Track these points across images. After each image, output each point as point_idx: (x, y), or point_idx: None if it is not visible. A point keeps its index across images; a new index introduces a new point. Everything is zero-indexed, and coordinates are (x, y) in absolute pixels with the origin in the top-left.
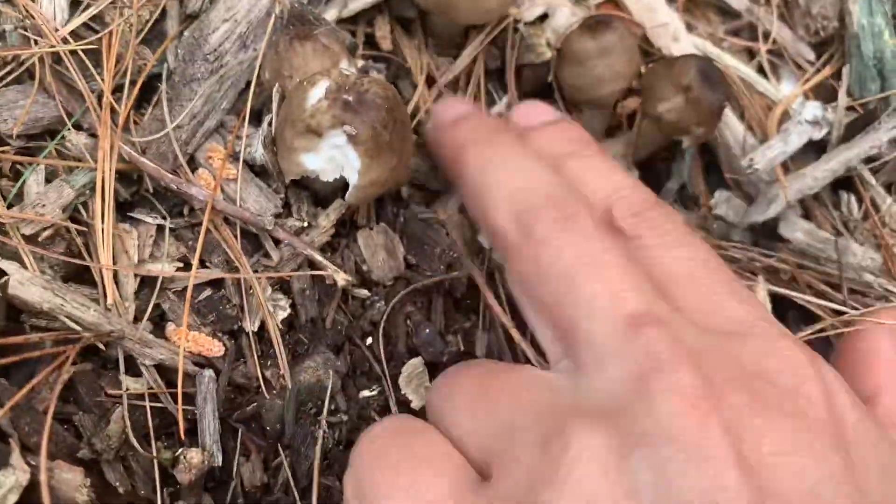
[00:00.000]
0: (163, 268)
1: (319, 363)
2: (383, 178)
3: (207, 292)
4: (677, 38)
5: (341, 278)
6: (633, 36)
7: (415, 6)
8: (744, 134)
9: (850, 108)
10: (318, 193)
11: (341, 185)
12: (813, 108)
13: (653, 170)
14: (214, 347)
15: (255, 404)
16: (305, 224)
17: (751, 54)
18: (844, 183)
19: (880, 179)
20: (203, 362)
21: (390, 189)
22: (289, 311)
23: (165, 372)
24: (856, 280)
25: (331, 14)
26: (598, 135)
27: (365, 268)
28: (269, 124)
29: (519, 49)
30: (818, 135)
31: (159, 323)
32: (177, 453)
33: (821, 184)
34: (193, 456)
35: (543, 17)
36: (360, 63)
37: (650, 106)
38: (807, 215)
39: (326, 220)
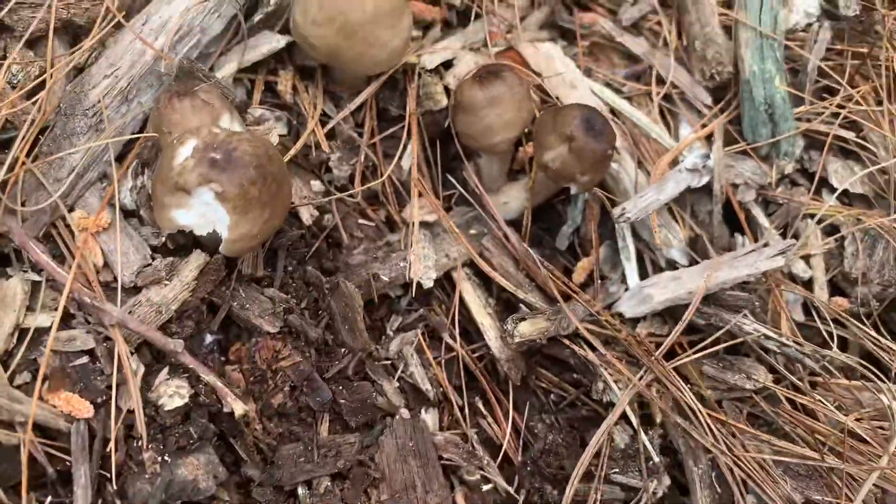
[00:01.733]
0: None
1: (202, 462)
2: (255, 232)
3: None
4: (574, 85)
5: (240, 408)
6: (524, 85)
7: None
8: (636, 180)
9: (742, 153)
10: (205, 246)
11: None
12: (693, 157)
13: (553, 212)
14: (84, 408)
15: (123, 479)
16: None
17: (652, 98)
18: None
19: None
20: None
21: (266, 240)
22: (187, 400)
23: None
24: None
25: (229, 66)
26: (497, 179)
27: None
28: (137, 178)
29: (418, 96)
30: (696, 182)
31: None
32: None
33: None
34: None
35: (448, 64)
36: (259, 112)
37: (538, 155)
38: None
39: (187, 272)
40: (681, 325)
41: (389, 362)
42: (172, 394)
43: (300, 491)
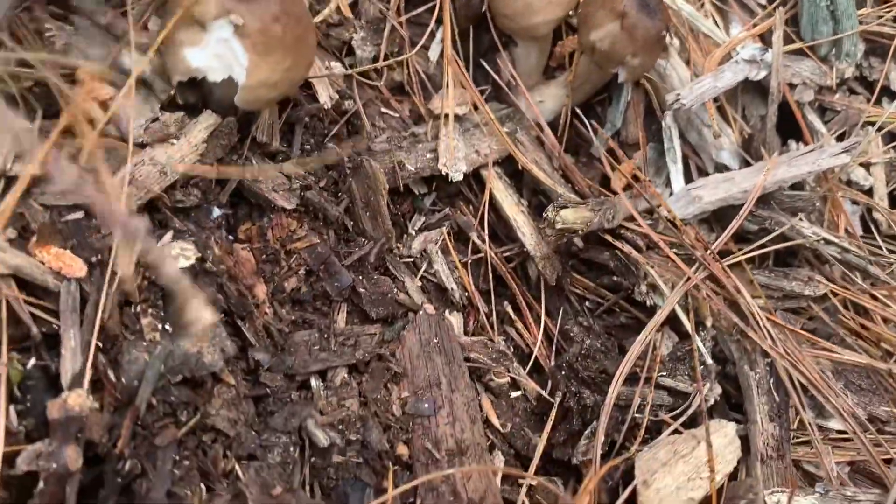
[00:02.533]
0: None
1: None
2: (274, 79)
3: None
4: None
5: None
6: None
7: None
8: (690, 76)
9: (800, 53)
10: (218, 105)
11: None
12: (752, 48)
13: (592, 114)
14: (76, 266)
15: (117, 349)
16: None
17: None
18: None
19: None
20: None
21: (286, 94)
22: (193, 262)
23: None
24: None
25: None
26: (534, 73)
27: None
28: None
29: None
30: (755, 75)
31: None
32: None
33: None
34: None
35: None
36: None
37: (584, 35)
38: None
39: (196, 132)
40: (736, 222)
41: (412, 260)
42: (177, 255)
43: (313, 382)
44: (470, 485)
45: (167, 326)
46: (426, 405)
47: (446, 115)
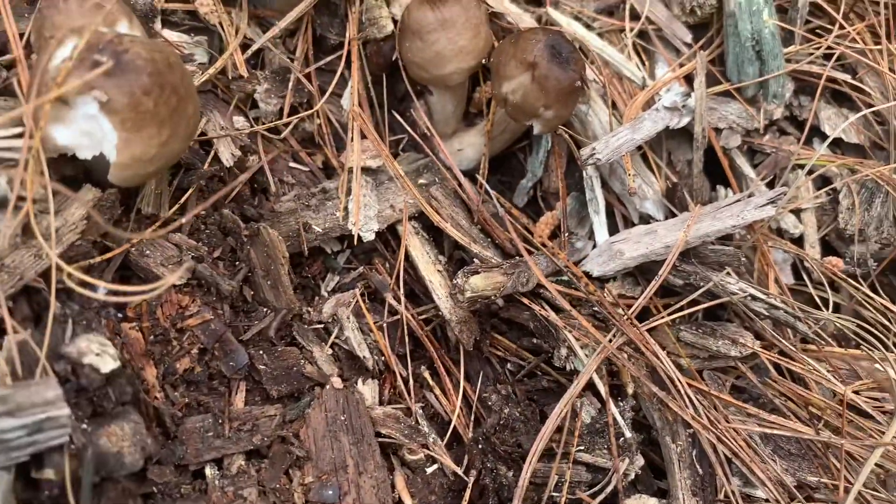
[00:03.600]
0: None
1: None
2: (150, 154)
3: None
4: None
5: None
6: (481, 8)
7: None
8: (609, 125)
9: (726, 95)
10: (99, 180)
11: None
12: (674, 94)
13: (513, 163)
14: None
15: None
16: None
17: (626, 35)
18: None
19: None
20: None
21: (165, 168)
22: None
23: None
24: None
25: None
26: (451, 121)
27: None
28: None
29: (360, 22)
30: (676, 123)
31: None
32: None
33: None
34: None
35: None
36: (174, 35)
37: (496, 87)
38: None
39: (73, 209)
40: (656, 282)
41: (322, 326)
42: (99, 353)
43: (208, 471)
44: None
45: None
46: (330, 492)
47: (355, 166)
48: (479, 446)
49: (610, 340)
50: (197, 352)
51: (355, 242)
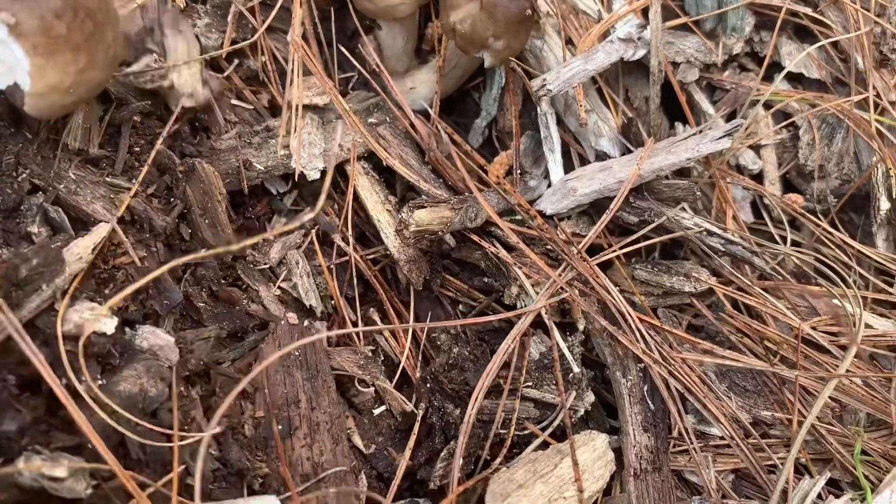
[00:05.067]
0: None
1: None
2: (66, 84)
3: None
4: None
5: None
6: None
7: None
8: (565, 58)
9: (684, 28)
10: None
11: None
12: (629, 26)
13: (467, 103)
14: None
15: None
16: None
17: None
18: None
19: None
20: None
21: (86, 98)
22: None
23: None
24: None
25: None
26: (402, 58)
27: None
28: None
29: None
30: (631, 55)
31: None
32: None
33: None
34: None
35: None
36: None
37: (444, 16)
38: None
39: None
40: (607, 216)
41: (268, 267)
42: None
43: None
44: None
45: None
46: (280, 426)
47: (297, 106)
48: (428, 385)
49: (560, 274)
50: (131, 291)
51: (297, 180)
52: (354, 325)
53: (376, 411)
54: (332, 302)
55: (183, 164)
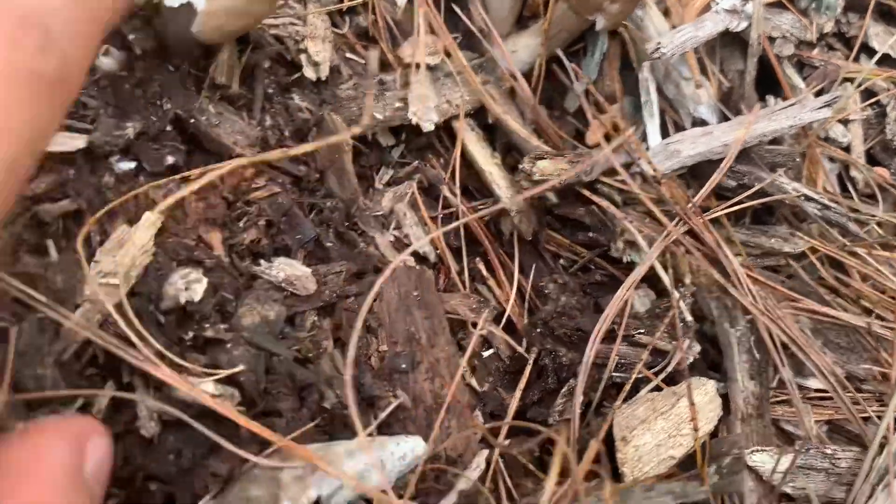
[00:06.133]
0: None
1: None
2: (238, 9)
3: None
4: None
5: None
6: None
7: None
8: (667, 28)
9: (779, 5)
10: (175, 41)
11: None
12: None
13: (563, 66)
14: None
15: None
16: None
17: None
18: None
19: None
20: None
21: (248, 28)
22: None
23: None
24: None
25: None
26: (508, 20)
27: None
28: None
29: None
30: (735, 26)
31: None
32: None
33: None
34: None
35: None
36: None
37: None
38: None
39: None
40: (718, 174)
41: (381, 214)
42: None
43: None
44: (448, 442)
45: None
46: (404, 364)
47: (417, 64)
48: (538, 330)
49: (671, 230)
50: (264, 224)
51: (417, 132)
52: (460, 273)
53: (485, 354)
54: (437, 251)
55: (314, 115)
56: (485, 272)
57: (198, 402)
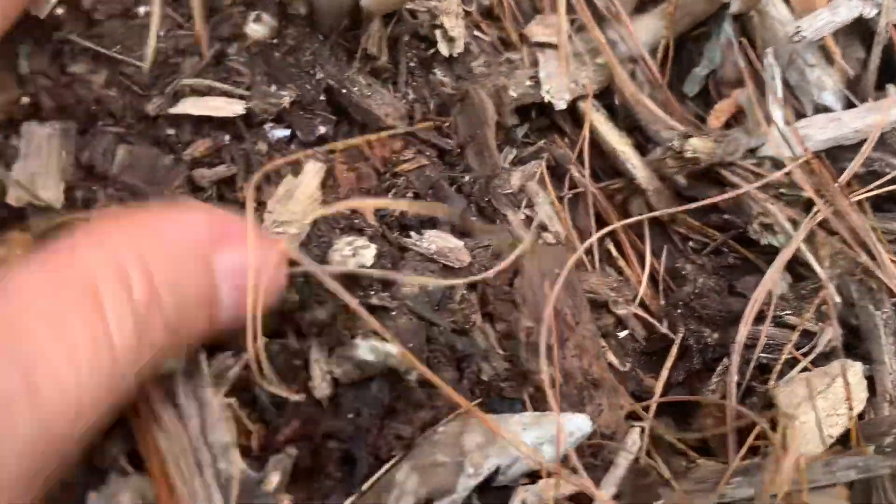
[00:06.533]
0: None
1: None
2: None
3: None
4: None
5: None
6: None
7: None
8: (789, 15)
9: None
10: (330, 8)
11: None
12: None
13: (682, 53)
14: None
15: None
16: None
17: None
18: None
19: None
20: None
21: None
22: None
23: None
24: None
25: None
26: (629, 4)
27: None
28: None
29: None
30: (868, 12)
31: None
32: None
33: None
34: None
35: None
36: None
37: None
38: None
39: None
40: (859, 158)
41: (511, 192)
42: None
43: None
44: (601, 419)
45: None
46: (550, 337)
47: (544, 43)
48: (678, 311)
49: (817, 212)
50: (412, 196)
51: (543, 111)
52: (588, 253)
53: (620, 334)
54: (563, 233)
55: (457, 90)
56: (615, 253)
57: (373, 364)
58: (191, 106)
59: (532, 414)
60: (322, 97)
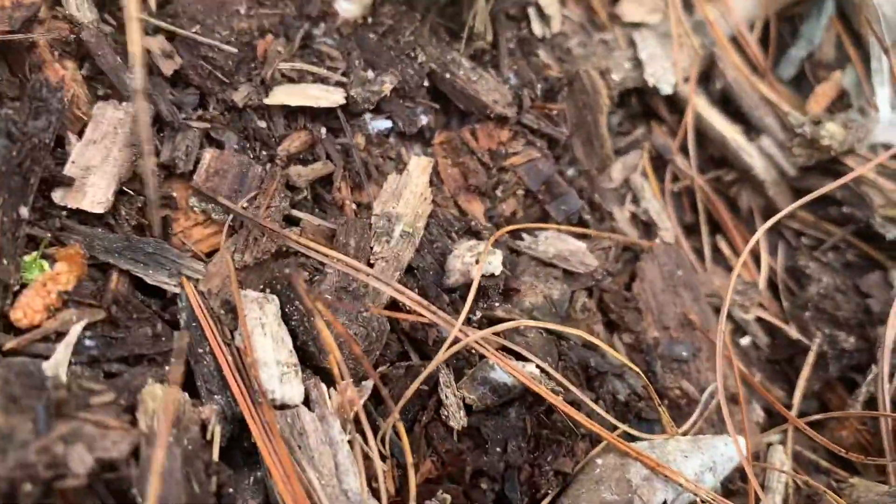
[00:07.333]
0: None
1: None
2: None
3: None
4: None
5: None
6: None
7: None
8: None
9: None
10: None
11: None
12: None
13: (782, 30)
14: None
15: None
16: None
17: None
18: None
19: None
20: None
21: None
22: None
23: None
24: None
25: None
26: None
27: None
28: None
29: None
30: None
31: None
32: None
33: None
34: None
35: None
36: None
37: None
38: None
39: None
40: None
41: (614, 187)
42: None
43: None
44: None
45: None
46: (684, 351)
47: (635, 23)
48: (808, 313)
49: None
50: (522, 193)
51: (639, 97)
52: (696, 251)
53: (742, 341)
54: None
55: (564, 72)
56: (726, 250)
57: (511, 387)
58: (286, 95)
59: (688, 439)
60: (425, 83)
